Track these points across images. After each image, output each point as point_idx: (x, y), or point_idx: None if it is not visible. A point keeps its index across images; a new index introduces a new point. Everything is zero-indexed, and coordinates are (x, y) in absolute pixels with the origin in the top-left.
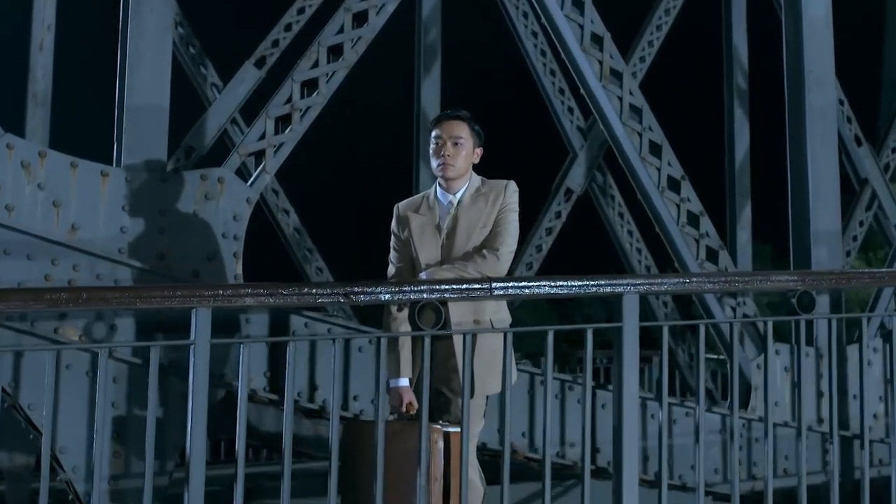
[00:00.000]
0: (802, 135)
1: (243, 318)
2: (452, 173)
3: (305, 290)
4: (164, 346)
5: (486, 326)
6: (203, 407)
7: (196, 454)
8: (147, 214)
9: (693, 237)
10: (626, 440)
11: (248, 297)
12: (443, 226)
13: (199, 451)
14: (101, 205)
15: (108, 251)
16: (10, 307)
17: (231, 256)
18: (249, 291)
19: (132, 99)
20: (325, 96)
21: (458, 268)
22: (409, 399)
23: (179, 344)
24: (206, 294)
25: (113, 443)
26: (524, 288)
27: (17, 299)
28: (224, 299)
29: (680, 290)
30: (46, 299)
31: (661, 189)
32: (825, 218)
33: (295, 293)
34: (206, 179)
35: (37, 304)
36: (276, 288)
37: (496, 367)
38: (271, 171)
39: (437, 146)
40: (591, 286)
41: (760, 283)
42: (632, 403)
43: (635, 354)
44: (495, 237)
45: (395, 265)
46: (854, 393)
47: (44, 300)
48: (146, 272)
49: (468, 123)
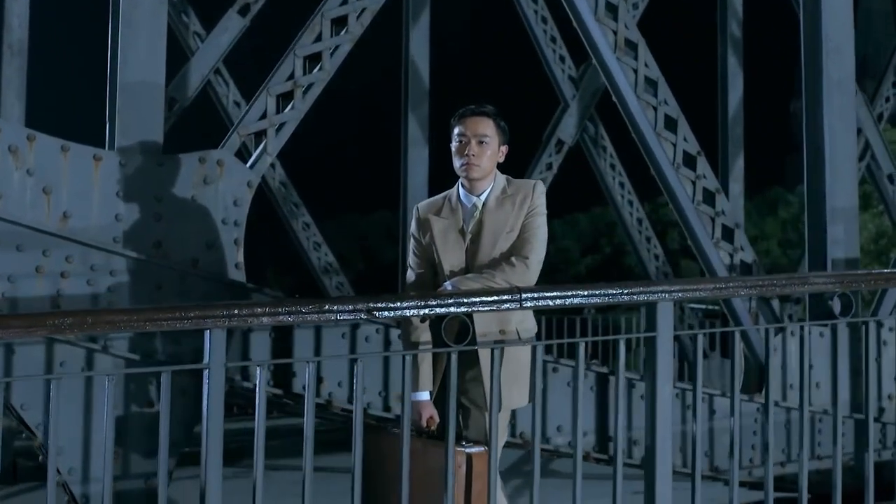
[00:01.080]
0: (819, 108)
1: None
2: (477, 174)
3: (326, 307)
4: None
5: (513, 336)
6: (219, 432)
7: (212, 483)
8: (143, 200)
9: (709, 215)
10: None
11: (266, 316)
12: (467, 230)
13: (214, 480)
14: (95, 191)
15: (102, 240)
16: (10, 335)
17: (231, 244)
18: (267, 311)
19: (126, 76)
20: (328, 72)
21: (484, 277)
22: (430, 413)
23: (193, 368)
24: (221, 314)
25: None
26: (555, 298)
27: (17, 326)
28: (240, 319)
29: (717, 296)
30: (49, 325)
31: (677, 166)
32: (842, 195)
33: (315, 310)
34: (204, 162)
35: (38, 329)
36: (295, 305)
37: (522, 380)
38: (273, 153)
39: (461, 144)
40: (624, 294)
41: (798, 285)
42: (665, 414)
43: (669, 364)
44: (524, 244)
45: (415, 271)
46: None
47: (46, 326)
48: (143, 262)
49: (494, 120)
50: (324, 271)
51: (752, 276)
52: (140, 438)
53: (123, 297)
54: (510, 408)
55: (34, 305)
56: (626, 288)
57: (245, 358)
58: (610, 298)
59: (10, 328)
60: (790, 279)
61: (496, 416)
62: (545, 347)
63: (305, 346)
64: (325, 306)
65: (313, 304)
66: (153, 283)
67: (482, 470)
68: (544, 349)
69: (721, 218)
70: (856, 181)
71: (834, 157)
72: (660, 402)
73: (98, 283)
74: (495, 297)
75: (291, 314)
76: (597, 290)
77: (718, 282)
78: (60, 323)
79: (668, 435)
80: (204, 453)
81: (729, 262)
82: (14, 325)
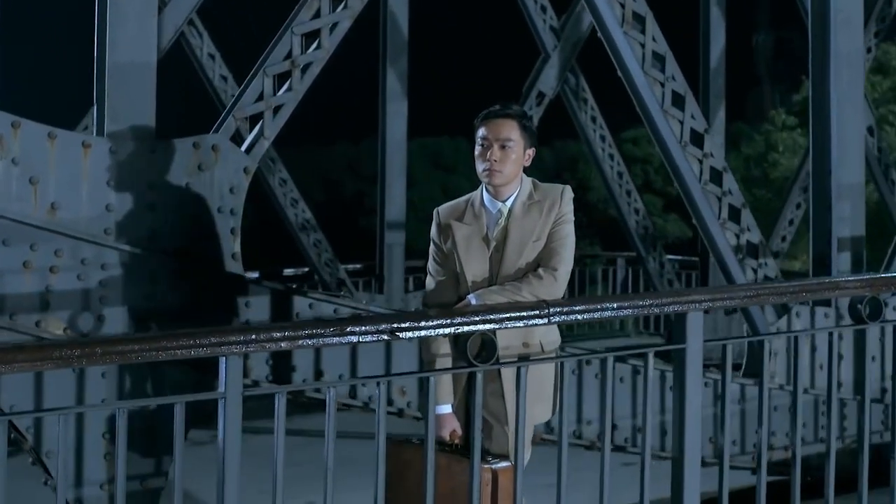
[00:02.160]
0: (826, 82)
1: (242, 301)
2: (500, 181)
3: (348, 329)
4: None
5: (536, 349)
6: (236, 466)
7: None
8: (135, 189)
9: (715, 195)
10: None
11: (285, 340)
12: (491, 237)
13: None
14: (84, 180)
15: (92, 232)
16: (14, 369)
17: (228, 233)
18: (287, 335)
19: (115, 56)
20: (327, 50)
21: (510, 290)
22: (453, 427)
23: (208, 398)
24: (237, 341)
25: (104, 443)
26: (583, 312)
27: (22, 360)
28: (258, 345)
29: (747, 304)
30: (56, 357)
31: (684, 144)
32: (849, 171)
33: (336, 333)
34: (199, 148)
35: (45, 363)
36: (315, 328)
37: (545, 394)
38: (270, 137)
39: (483, 149)
40: (654, 305)
41: (829, 290)
42: (694, 428)
43: (699, 377)
44: (552, 254)
45: (435, 278)
46: (873, 355)
47: (53, 359)
48: (135, 255)
49: (519, 122)
50: (301, 228)
51: (782, 283)
52: (136, 438)
53: (116, 292)
54: (533, 423)
55: (22, 302)
56: (655, 299)
57: None
58: (638, 311)
59: (15, 362)
60: (821, 285)
61: (522, 436)
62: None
63: None
64: (346, 328)
65: (334, 326)
66: (147, 277)
67: (509, 488)
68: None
69: (728, 198)
70: (863, 157)
71: (842, 132)
72: (689, 416)
73: (89, 277)
74: (522, 313)
75: (312, 338)
76: (626, 303)
77: (749, 290)
78: (68, 355)
79: (697, 447)
80: (220, 484)
81: (735, 244)
82: (20, 359)
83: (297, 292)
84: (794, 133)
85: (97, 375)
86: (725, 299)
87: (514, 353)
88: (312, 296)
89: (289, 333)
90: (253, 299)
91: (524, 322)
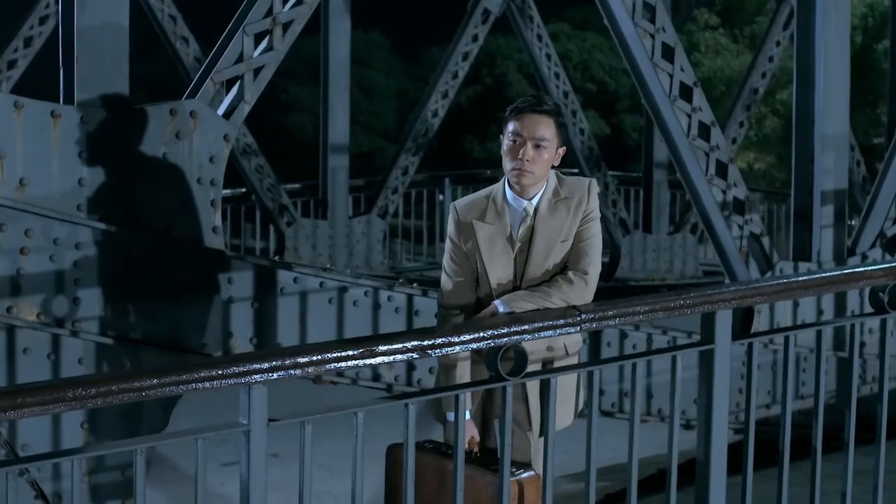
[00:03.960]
0: (812, 26)
1: (224, 277)
2: (529, 181)
3: (377, 349)
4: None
5: (560, 353)
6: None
7: None
8: (109, 162)
9: (703, 150)
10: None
11: (312, 366)
12: (516, 237)
13: None
14: (54, 153)
15: (64, 210)
16: (26, 414)
17: (208, 206)
18: (315, 359)
19: (84, 19)
20: (310, 6)
21: (539, 296)
22: (471, 434)
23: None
24: (262, 368)
25: (84, 433)
26: (615, 317)
27: (31, 404)
28: (284, 371)
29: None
30: (70, 399)
31: (673, 98)
32: (834, 121)
33: (366, 354)
34: (175, 115)
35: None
36: (342, 349)
37: (567, 398)
38: (251, 101)
39: (515, 145)
40: (685, 306)
41: (855, 281)
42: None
43: (727, 379)
44: (581, 256)
45: (452, 279)
46: (853, 309)
47: (67, 400)
48: (111, 232)
49: (555, 120)
50: (242, 153)
51: (810, 277)
52: (115, 427)
53: (91, 273)
54: (554, 430)
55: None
56: (686, 299)
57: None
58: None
59: (25, 407)
60: (848, 276)
61: (552, 447)
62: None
63: (290, 313)
64: (375, 348)
65: (362, 347)
66: (123, 256)
67: (535, 499)
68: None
69: (716, 153)
70: (848, 107)
71: (827, 81)
72: (716, 421)
73: (62, 258)
74: (552, 322)
75: (340, 361)
76: (657, 305)
77: (777, 286)
78: (84, 395)
79: (723, 450)
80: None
81: (722, 199)
82: (28, 403)
83: (282, 265)
84: (717, 33)
85: (73, 362)
86: (755, 295)
87: (539, 358)
88: (297, 269)
89: (316, 358)
90: (235, 275)
91: (556, 332)
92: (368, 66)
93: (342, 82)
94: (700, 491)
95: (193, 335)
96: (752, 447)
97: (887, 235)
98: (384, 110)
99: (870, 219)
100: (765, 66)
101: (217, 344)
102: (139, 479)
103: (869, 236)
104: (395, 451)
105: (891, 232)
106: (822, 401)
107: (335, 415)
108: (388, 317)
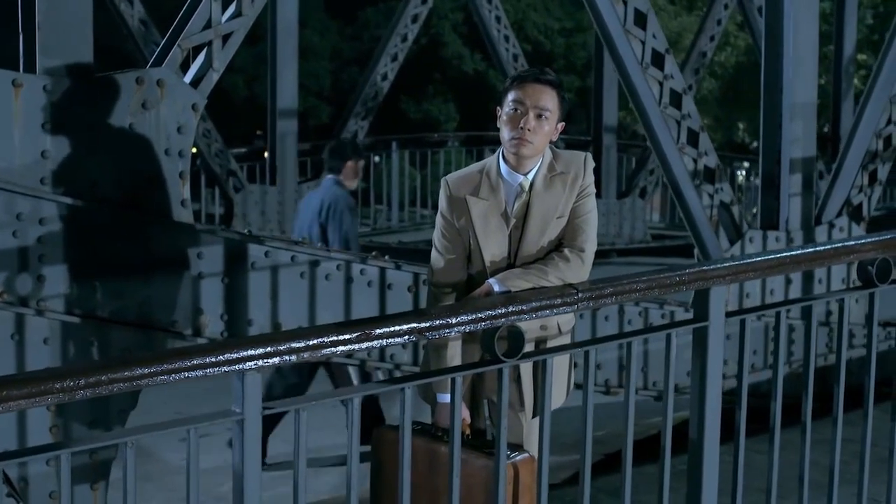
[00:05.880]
0: None
1: (194, 252)
2: (529, 152)
3: (374, 332)
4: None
5: (554, 331)
6: (256, 491)
7: None
8: (73, 132)
9: (675, 119)
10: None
11: (308, 350)
12: (511, 213)
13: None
14: (16, 124)
15: (27, 184)
16: (12, 408)
17: (176, 178)
18: (311, 343)
19: None
20: None
21: (535, 274)
22: (462, 416)
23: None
24: (256, 355)
25: (50, 416)
26: (612, 295)
27: (18, 397)
28: (279, 356)
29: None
30: (57, 390)
31: (645, 66)
32: (803, 90)
33: (363, 338)
34: (142, 83)
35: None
36: (338, 333)
37: (560, 378)
38: (220, 68)
39: (516, 114)
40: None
41: (844, 255)
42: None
43: (720, 358)
44: (577, 232)
45: (444, 257)
46: (819, 278)
47: (54, 392)
48: (77, 207)
49: (558, 92)
50: None
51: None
52: (82, 409)
53: (57, 249)
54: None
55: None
56: (682, 276)
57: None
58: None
59: (10, 401)
60: (837, 251)
61: (547, 430)
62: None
63: (261, 288)
64: (372, 331)
65: (358, 330)
66: (89, 231)
67: (530, 482)
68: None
69: (687, 121)
70: (816, 74)
71: (797, 47)
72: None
73: (26, 234)
74: (550, 301)
75: (336, 345)
76: (654, 282)
77: (770, 261)
78: (73, 386)
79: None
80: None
81: (693, 168)
82: (15, 395)
83: (253, 239)
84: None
85: (38, 342)
86: (748, 271)
87: (532, 338)
88: (269, 243)
89: (312, 342)
90: (205, 249)
91: (552, 311)
92: (304, 26)
93: (290, 46)
94: (693, 465)
95: (162, 312)
96: (743, 424)
97: (853, 204)
98: (319, 70)
99: (835, 187)
100: (714, 30)
101: (186, 321)
102: (129, 472)
103: (835, 204)
104: (382, 433)
105: (857, 200)
106: (811, 373)
107: (330, 400)
108: (360, 290)
